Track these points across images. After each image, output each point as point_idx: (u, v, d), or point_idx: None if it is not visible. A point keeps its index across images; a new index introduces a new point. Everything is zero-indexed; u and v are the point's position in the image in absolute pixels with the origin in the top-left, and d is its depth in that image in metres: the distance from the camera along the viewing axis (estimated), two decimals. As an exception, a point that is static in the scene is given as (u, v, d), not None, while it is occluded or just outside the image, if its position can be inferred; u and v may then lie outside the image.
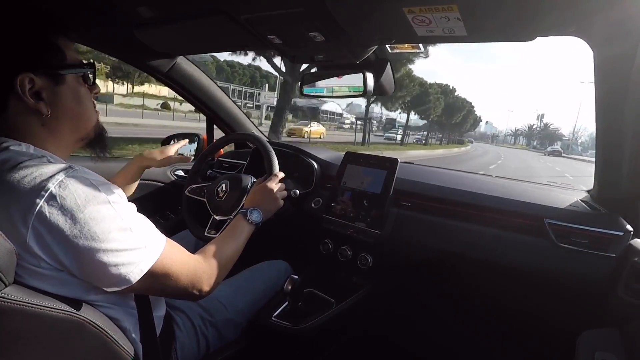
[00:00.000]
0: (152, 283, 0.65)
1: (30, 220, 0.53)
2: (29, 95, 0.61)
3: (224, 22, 0.99)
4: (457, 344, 1.39)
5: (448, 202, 1.23)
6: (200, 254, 0.79)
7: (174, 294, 0.73)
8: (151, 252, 0.64)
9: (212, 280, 0.76)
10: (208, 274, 0.76)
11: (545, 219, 1.08)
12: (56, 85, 0.65)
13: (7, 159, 0.58)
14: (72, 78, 0.68)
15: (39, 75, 0.62)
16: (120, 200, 0.62)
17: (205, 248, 0.82)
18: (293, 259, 1.30)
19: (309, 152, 1.51)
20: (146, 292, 0.71)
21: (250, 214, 0.97)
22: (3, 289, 0.50)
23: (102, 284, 0.60)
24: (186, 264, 0.72)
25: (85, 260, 0.57)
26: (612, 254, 0.99)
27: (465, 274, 1.20)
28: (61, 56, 0.65)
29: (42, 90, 0.63)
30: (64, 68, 0.66)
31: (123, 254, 0.59)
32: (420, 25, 0.81)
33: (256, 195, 1.08)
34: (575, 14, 0.69)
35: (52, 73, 0.64)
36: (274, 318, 1.05)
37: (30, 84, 0.61)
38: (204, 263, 0.76)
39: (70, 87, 0.67)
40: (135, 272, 0.61)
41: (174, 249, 0.70)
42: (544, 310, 1.15)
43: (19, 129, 0.63)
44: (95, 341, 0.62)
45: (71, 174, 0.56)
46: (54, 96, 0.65)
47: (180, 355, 0.86)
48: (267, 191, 1.08)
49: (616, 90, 0.83)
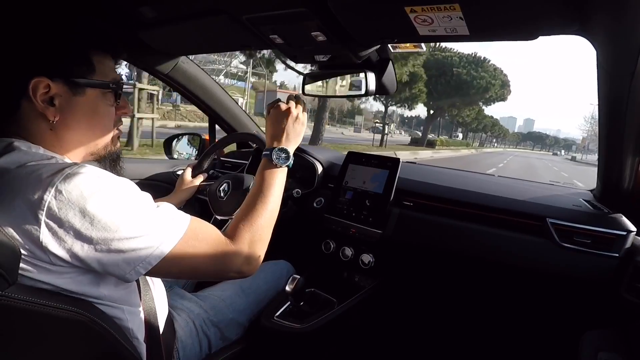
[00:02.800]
0: (178, 265, 0.64)
1: (42, 217, 0.53)
2: (40, 100, 0.62)
3: (226, 22, 0.99)
4: (460, 344, 1.39)
5: (450, 202, 1.22)
6: (229, 228, 0.74)
7: (208, 275, 0.71)
8: (170, 233, 0.63)
9: (251, 254, 0.72)
10: (243, 249, 0.71)
11: (548, 219, 1.08)
12: (73, 95, 0.65)
13: (17, 159, 0.59)
14: (94, 92, 0.68)
15: (56, 82, 0.62)
16: (128, 189, 0.62)
17: (235, 219, 0.76)
18: (295, 258, 1.30)
19: (311, 151, 1.51)
20: (175, 275, 0.70)
21: (277, 156, 0.85)
22: (7, 287, 0.50)
23: (125, 272, 0.60)
24: (214, 242, 0.69)
25: (102, 250, 0.57)
26: (615, 254, 0.99)
27: (468, 274, 1.20)
28: (88, 69, 0.66)
29: (56, 97, 0.63)
30: (86, 80, 0.66)
31: (138, 240, 0.59)
32: (422, 24, 0.81)
33: (277, 124, 0.91)
34: (578, 13, 0.69)
35: (70, 83, 0.64)
36: (276, 318, 1.05)
37: (46, 89, 0.62)
38: (235, 238, 0.72)
39: (88, 100, 0.67)
40: (155, 255, 0.60)
41: (201, 227, 0.68)
42: (546, 310, 1.15)
43: (29, 131, 0.64)
44: (99, 340, 0.62)
45: (76, 169, 0.57)
46: (68, 105, 0.65)
47: (182, 355, 0.86)
48: (292, 116, 0.90)
49: (619, 90, 0.82)
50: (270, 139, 0.90)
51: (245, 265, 0.72)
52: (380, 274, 1.27)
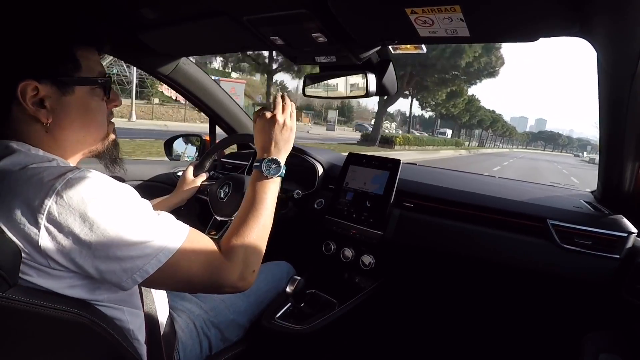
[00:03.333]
0: (173, 274, 0.63)
1: (42, 220, 0.53)
2: (31, 103, 0.60)
3: (226, 24, 0.99)
4: (461, 345, 1.39)
5: (451, 203, 1.22)
6: (223, 241, 0.73)
7: (202, 288, 0.69)
8: (168, 243, 0.62)
9: (245, 268, 0.71)
10: (237, 262, 0.70)
11: (549, 220, 1.08)
12: (63, 95, 0.63)
13: (18, 161, 0.58)
14: (83, 89, 0.66)
15: (43, 83, 0.61)
16: (129, 196, 0.61)
17: (227, 232, 0.75)
18: (295, 260, 1.30)
19: (312, 152, 1.51)
20: (170, 287, 0.68)
21: (266, 167, 0.82)
22: (7, 289, 0.50)
23: (121, 280, 0.59)
24: (212, 254, 0.68)
25: (100, 257, 0.56)
26: (616, 256, 0.99)
27: (468, 276, 1.20)
28: (74, 66, 0.64)
29: (46, 98, 0.62)
30: (74, 79, 0.64)
31: (137, 248, 0.58)
32: (422, 26, 0.81)
33: (264, 135, 0.87)
34: (578, 15, 0.69)
35: (58, 82, 0.63)
36: (276, 319, 1.05)
37: (34, 91, 0.60)
38: (229, 251, 0.70)
39: (78, 98, 0.65)
40: (152, 263, 0.60)
41: (198, 239, 0.67)
42: (547, 312, 1.15)
43: (25, 134, 0.63)
44: (100, 341, 0.62)
45: (78, 174, 0.56)
46: (59, 106, 0.63)
47: (182, 356, 0.86)
48: (278, 124, 0.87)
49: (620, 91, 0.82)
50: (259, 150, 0.87)
51: (240, 281, 0.70)
52: (380, 275, 1.27)
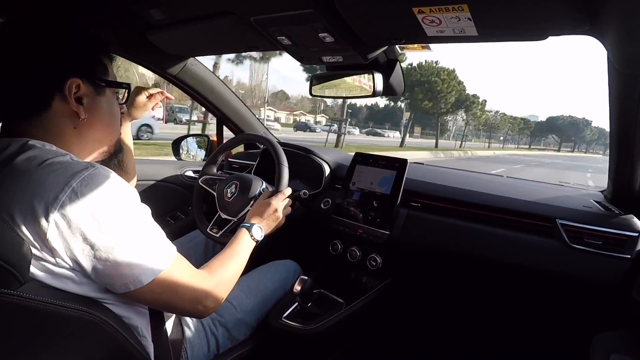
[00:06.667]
0: (159, 293, 0.65)
1: (53, 214, 0.54)
2: (73, 99, 0.66)
3: (234, 24, 1.00)
4: (469, 345, 1.38)
5: (458, 203, 1.22)
6: (205, 269, 0.79)
7: (178, 308, 0.73)
8: (162, 259, 0.65)
9: (217, 297, 0.76)
10: (213, 291, 0.75)
11: (558, 220, 1.06)
12: (97, 95, 0.71)
13: (34, 156, 0.60)
14: (110, 92, 0.75)
15: (85, 83, 0.67)
16: (137, 202, 0.65)
17: (210, 264, 0.81)
18: (302, 259, 1.30)
19: (319, 152, 1.51)
20: (152, 303, 0.71)
21: (253, 230, 0.96)
22: (18, 287, 0.51)
23: (114, 284, 0.61)
24: (193, 277, 0.72)
25: (101, 258, 0.58)
26: (627, 256, 0.97)
27: (476, 275, 1.19)
28: (105, 70, 0.73)
29: (84, 96, 0.68)
30: (107, 81, 0.73)
31: (138, 254, 0.61)
32: (430, 25, 0.80)
33: (260, 209, 1.05)
34: (588, 13, 0.68)
35: (96, 83, 0.70)
36: (284, 319, 1.05)
37: (77, 89, 0.66)
38: (210, 279, 0.76)
39: (107, 99, 0.74)
40: (147, 275, 0.62)
41: (182, 262, 0.71)
42: (557, 312, 1.14)
43: (51, 129, 0.66)
44: (108, 340, 0.62)
45: (93, 172, 0.59)
46: (93, 104, 0.70)
47: (190, 355, 0.87)
48: (272, 209, 1.05)
49: (630, 90, 0.81)
50: (253, 216, 1.03)
51: (211, 302, 0.75)
52: (388, 275, 1.26)
